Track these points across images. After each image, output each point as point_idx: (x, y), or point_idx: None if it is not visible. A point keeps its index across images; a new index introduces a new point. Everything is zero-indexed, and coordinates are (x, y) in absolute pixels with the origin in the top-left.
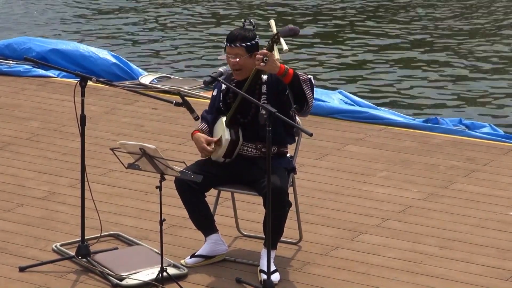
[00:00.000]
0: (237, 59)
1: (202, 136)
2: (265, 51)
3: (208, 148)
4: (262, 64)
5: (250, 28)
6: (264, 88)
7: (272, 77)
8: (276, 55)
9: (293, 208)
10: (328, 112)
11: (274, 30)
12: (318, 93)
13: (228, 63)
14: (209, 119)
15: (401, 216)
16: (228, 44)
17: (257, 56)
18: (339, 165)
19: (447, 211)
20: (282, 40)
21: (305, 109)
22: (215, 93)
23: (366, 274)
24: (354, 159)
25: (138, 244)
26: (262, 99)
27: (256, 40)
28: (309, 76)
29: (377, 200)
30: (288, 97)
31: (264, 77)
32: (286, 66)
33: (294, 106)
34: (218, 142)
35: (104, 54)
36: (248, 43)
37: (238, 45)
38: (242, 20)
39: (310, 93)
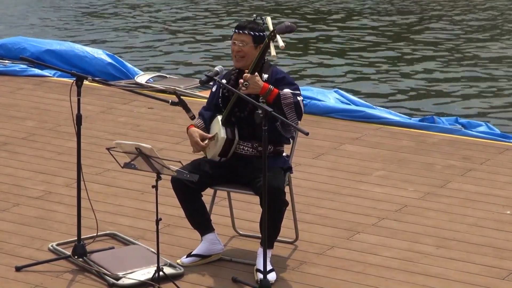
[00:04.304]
0: (242, 45)
1: (197, 131)
2: (247, 75)
3: (201, 143)
4: (243, 88)
5: (260, 23)
6: None
7: (273, 77)
8: (273, 51)
9: (289, 207)
10: (324, 111)
11: (271, 27)
12: (314, 92)
13: (232, 51)
14: (206, 116)
15: (398, 216)
16: (236, 31)
17: (239, 81)
18: (336, 164)
19: (444, 210)
20: (278, 37)
21: (287, 129)
22: (214, 89)
23: (363, 274)
24: (350, 159)
25: (134, 243)
26: (260, 98)
27: (264, 33)
28: (298, 99)
29: (373, 200)
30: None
31: (265, 76)
32: (270, 86)
33: (277, 123)
34: (213, 138)
35: (99, 54)
36: (256, 33)
37: (246, 32)
38: (254, 15)
39: (294, 116)
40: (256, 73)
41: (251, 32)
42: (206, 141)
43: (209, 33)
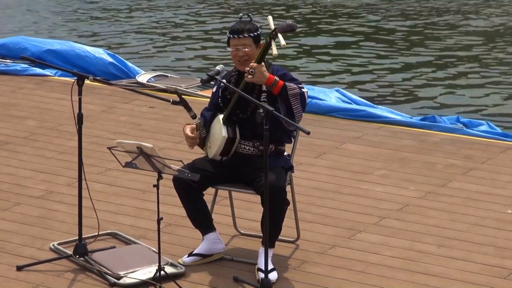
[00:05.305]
0: (247, 49)
1: (188, 126)
2: (253, 63)
3: (190, 134)
4: (249, 76)
5: (248, 20)
6: (264, 86)
7: (274, 75)
8: (274, 50)
9: (290, 206)
10: (325, 111)
11: (272, 26)
12: (316, 91)
13: (234, 56)
14: (207, 116)
15: (399, 215)
16: (235, 36)
17: (245, 69)
18: (337, 163)
19: (445, 209)
20: (280, 35)
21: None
22: (214, 89)
23: (364, 273)
24: (352, 158)
25: (135, 243)
26: (262, 97)
27: (259, 31)
28: (303, 90)
29: (375, 199)
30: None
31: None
32: (276, 77)
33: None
34: (197, 127)
35: (100, 53)
36: (255, 33)
37: (246, 35)
38: (240, 14)
39: (300, 107)
40: (263, 63)
41: (250, 34)
42: (195, 132)
43: (211, 32)
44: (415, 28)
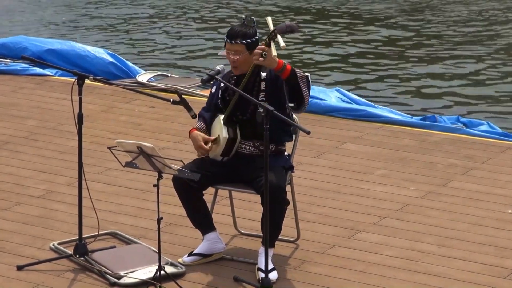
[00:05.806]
0: (237, 56)
1: (200, 135)
2: (264, 46)
3: (205, 146)
4: (261, 59)
5: (251, 24)
6: (263, 85)
7: (271, 74)
8: (273, 51)
9: (291, 206)
10: (325, 110)
11: (271, 27)
12: (316, 91)
13: (228, 59)
14: (207, 116)
15: (399, 214)
16: (228, 41)
17: (255, 51)
18: (337, 163)
19: (445, 209)
20: (279, 37)
21: (300, 107)
22: (213, 90)
23: (364, 273)
24: (352, 157)
25: (135, 242)
26: (260, 96)
27: (257, 37)
28: (306, 74)
29: (375, 198)
30: (284, 93)
31: (263, 74)
32: (284, 61)
33: (291, 104)
34: (215, 141)
35: (101, 53)
36: (249, 40)
37: (238, 42)
38: (243, 16)
39: (307, 90)
40: (271, 47)
41: (243, 41)
42: (210, 144)
43: (212, 32)
44: (415, 28)
